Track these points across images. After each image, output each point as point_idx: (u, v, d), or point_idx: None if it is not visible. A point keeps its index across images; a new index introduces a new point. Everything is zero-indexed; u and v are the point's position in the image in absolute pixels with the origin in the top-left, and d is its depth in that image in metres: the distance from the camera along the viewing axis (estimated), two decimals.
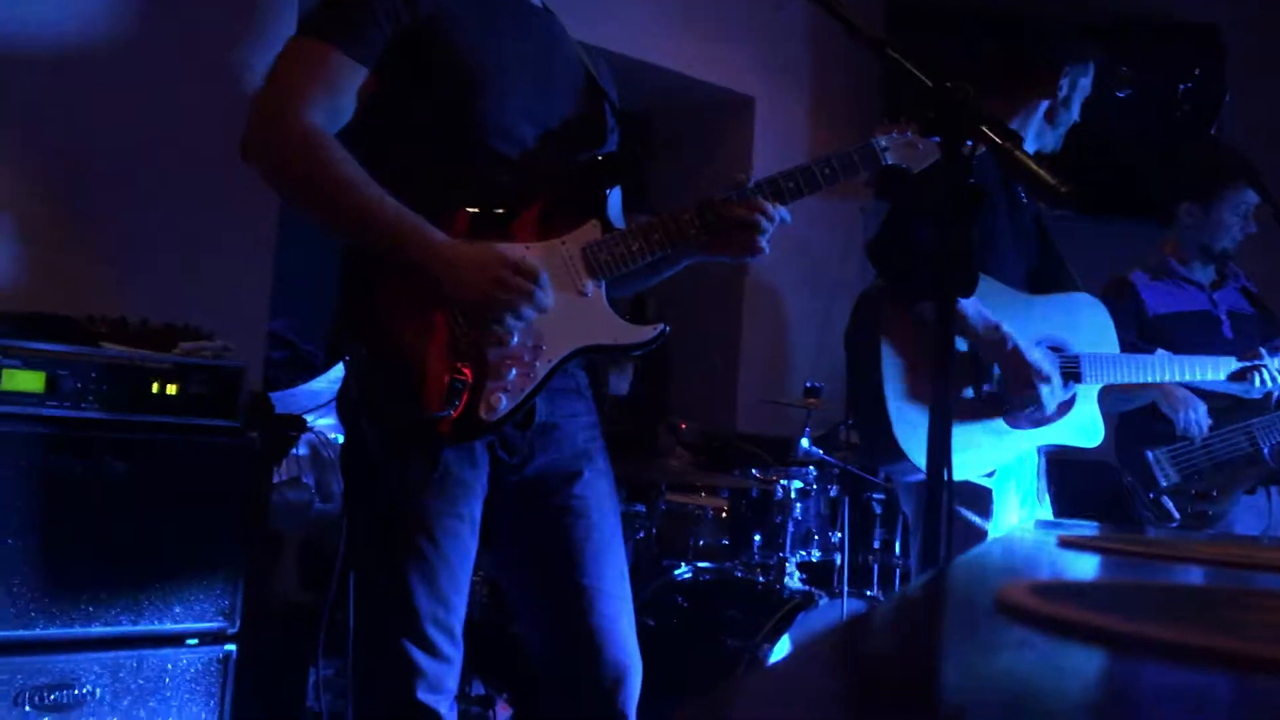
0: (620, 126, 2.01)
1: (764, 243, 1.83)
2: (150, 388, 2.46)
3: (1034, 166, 1.32)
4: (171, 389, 2.49)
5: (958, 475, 2.46)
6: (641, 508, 3.49)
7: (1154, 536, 1.30)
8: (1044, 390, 2.43)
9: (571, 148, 1.88)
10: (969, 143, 1.27)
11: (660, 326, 1.82)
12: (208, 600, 2.49)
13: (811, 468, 3.65)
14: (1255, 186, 3.23)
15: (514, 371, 1.74)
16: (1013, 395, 2.46)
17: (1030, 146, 2.70)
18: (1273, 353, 2.85)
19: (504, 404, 1.73)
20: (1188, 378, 2.74)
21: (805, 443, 3.65)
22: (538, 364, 1.75)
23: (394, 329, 1.71)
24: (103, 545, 2.37)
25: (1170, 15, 4.95)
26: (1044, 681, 0.48)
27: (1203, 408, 3.15)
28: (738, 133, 4.88)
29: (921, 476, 2.44)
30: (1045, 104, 2.67)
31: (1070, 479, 2.92)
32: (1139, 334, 3.32)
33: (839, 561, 3.70)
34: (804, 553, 3.59)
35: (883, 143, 1.90)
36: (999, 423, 2.50)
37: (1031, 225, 2.72)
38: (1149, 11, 4.99)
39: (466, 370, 1.71)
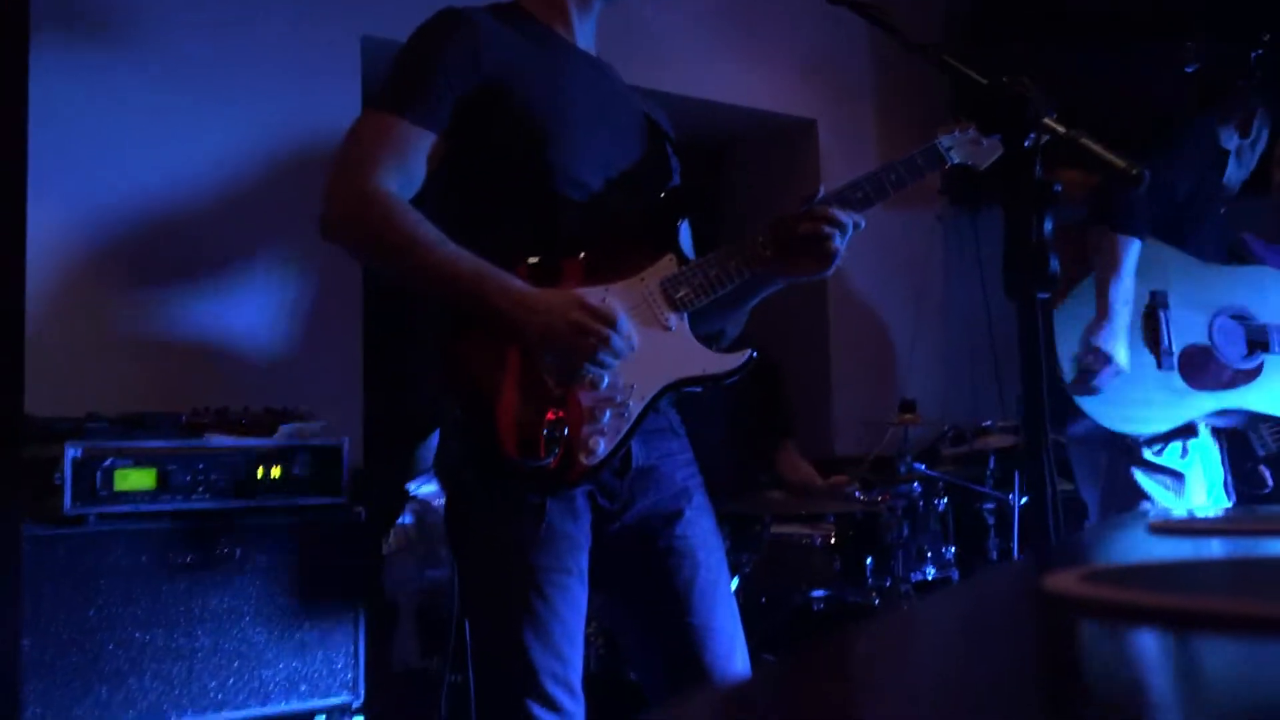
0: (683, 164, 2.02)
1: (836, 252, 1.81)
2: (256, 473, 2.53)
3: (1103, 152, 1.29)
4: (276, 472, 2.56)
5: (1137, 429, 2.54)
6: (749, 542, 3.46)
7: (1253, 514, 1.25)
8: (1113, 362, 2.46)
9: (639, 189, 1.89)
10: (1032, 136, 1.26)
11: (748, 352, 1.81)
12: (331, 675, 2.53)
13: (916, 484, 3.59)
14: None
15: (609, 414, 1.74)
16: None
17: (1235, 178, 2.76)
18: None
19: (602, 447, 1.73)
20: None
21: (910, 458, 3.60)
22: (631, 403, 1.75)
23: (485, 384, 1.73)
24: (225, 631, 2.42)
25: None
26: (1082, 664, 0.47)
27: None
28: (803, 157, 4.88)
29: (1100, 428, 2.49)
30: (1238, 141, 2.71)
31: None
32: None
33: (956, 578, 3.62)
34: (918, 572, 3.52)
35: (946, 142, 1.88)
36: (1178, 380, 2.54)
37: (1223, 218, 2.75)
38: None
39: (561, 416, 1.71)
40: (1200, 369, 2.56)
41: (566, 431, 1.71)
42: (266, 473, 2.54)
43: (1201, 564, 0.73)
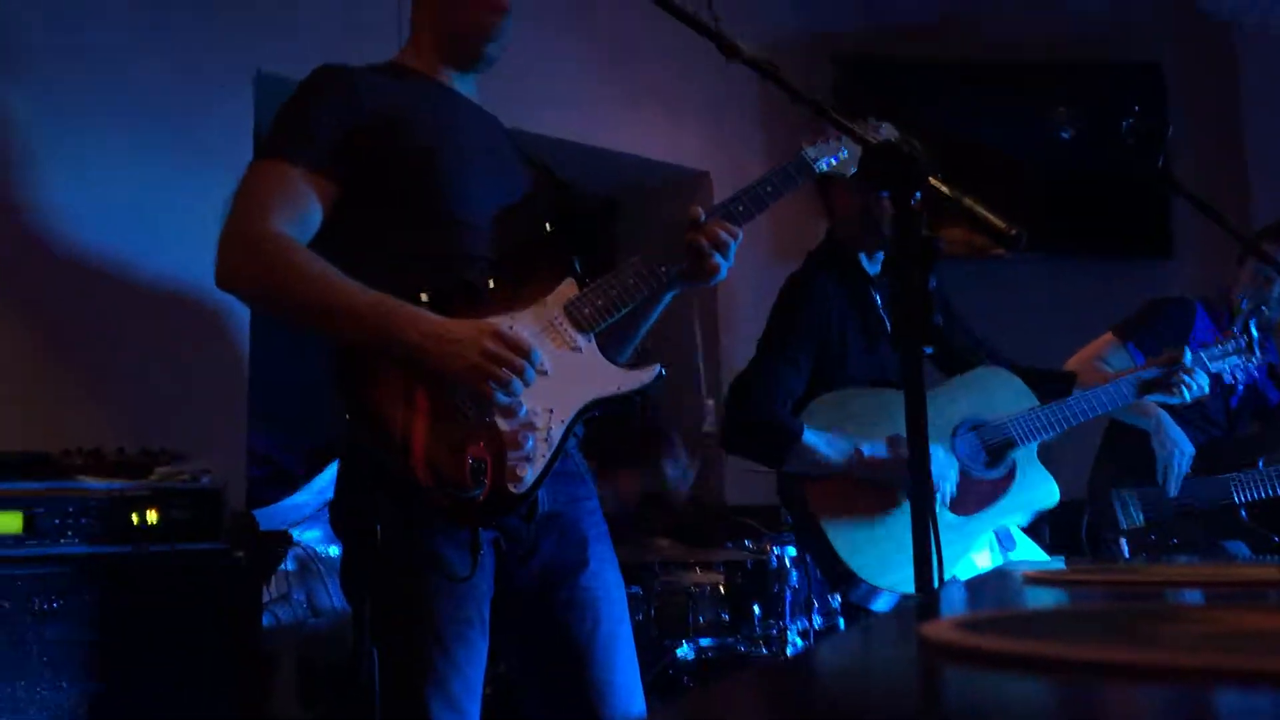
0: (573, 202, 2.05)
1: (719, 267, 1.86)
2: (130, 517, 2.44)
3: (984, 212, 1.34)
4: (152, 516, 2.47)
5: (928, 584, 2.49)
6: (637, 589, 3.45)
7: (1119, 565, 1.29)
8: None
9: (532, 220, 1.91)
10: (917, 195, 1.30)
11: (656, 368, 1.83)
12: None
13: None
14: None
15: (531, 439, 1.73)
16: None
17: None
18: (1202, 349, 2.71)
19: (529, 474, 1.72)
20: (1105, 409, 2.66)
21: None
22: (552, 428, 1.75)
23: (402, 421, 1.69)
24: (96, 682, 2.32)
25: (1104, 56, 5.08)
26: (961, 710, 0.49)
27: (1189, 453, 3.05)
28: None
29: (883, 594, 2.49)
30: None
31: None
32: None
33: (842, 626, 3.66)
34: (805, 620, 3.55)
35: (812, 153, 1.96)
36: (948, 516, 2.49)
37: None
38: (1082, 53, 5.13)
39: (484, 447, 1.69)
40: (962, 496, 2.51)
41: (491, 461, 1.69)
42: (142, 517, 2.46)
43: (1068, 612, 0.75)
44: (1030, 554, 2.68)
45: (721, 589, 3.60)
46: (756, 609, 3.53)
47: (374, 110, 1.82)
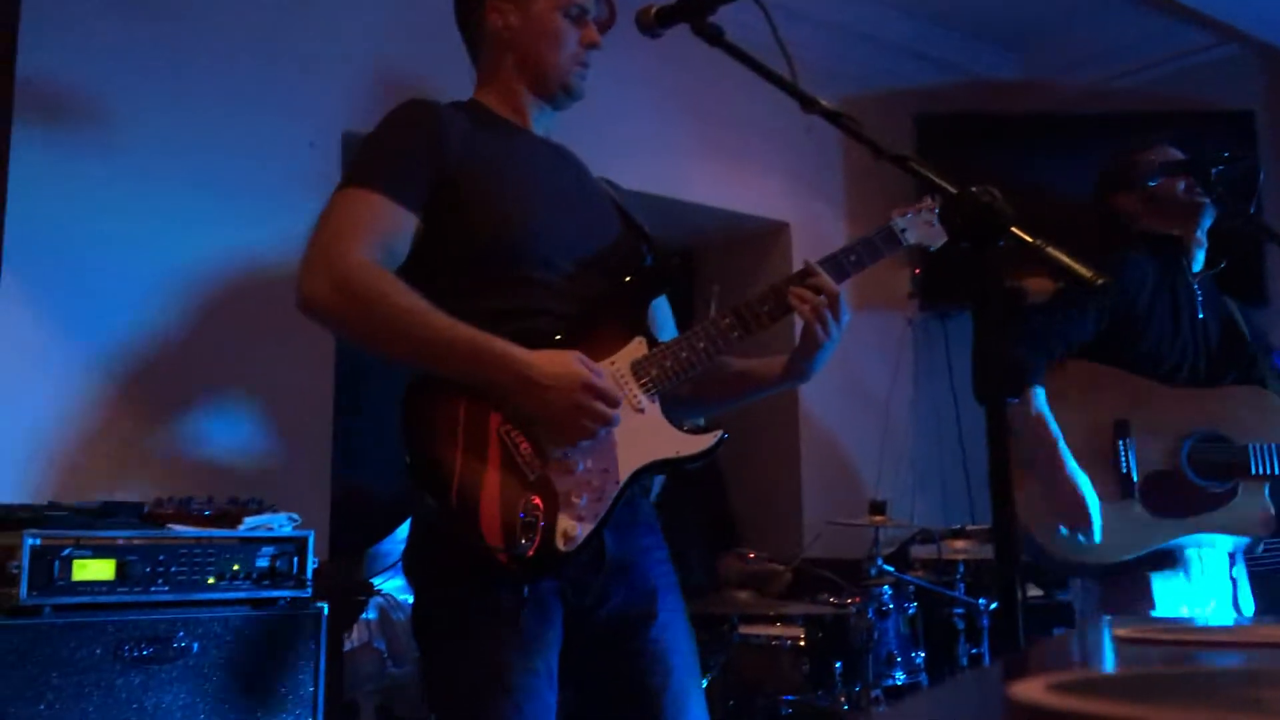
0: (654, 251, 2.03)
1: (822, 322, 1.84)
2: (218, 565, 2.49)
3: (1066, 260, 1.32)
4: (238, 565, 2.51)
5: (1092, 558, 2.45)
6: (715, 644, 3.42)
7: (1212, 625, 1.24)
8: (1090, 523, 2.41)
9: (609, 271, 1.90)
10: (1000, 243, 1.28)
11: (719, 433, 1.81)
12: None
13: (886, 587, 3.56)
14: None
15: (585, 498, 1.72)
16: (1059, 513, 2.43)
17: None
18: None
19: (580, 532, 1.71)
20: None
21: (879, 561, 3.58)
22: (607, 487, 1.74)
23: (458, 473, 1.70)
24: None
25: (1194, 104, 4.99)
26: None
27: None
28: (775, 258, 4.93)
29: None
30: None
31: None
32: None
33: (925, 683, 3.58)
34: (888, 677, 3.48)
35: (900, 224, 1.93)
36: (1138, 509, 2.45)
37: (1203, 326, 2.67)
38: (1170, 103, 5.04)
39: (537, 502, 1.70)
40: (1167, 495, 2.46)
41: (543, 517, 1.69)
42: (229, 565, 2.50)
43: (1166, 675, 0.73)
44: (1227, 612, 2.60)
45: (801, 643, 3.54)
46: (838, 665, 3.46)
47: (455, 160, 1.83)
